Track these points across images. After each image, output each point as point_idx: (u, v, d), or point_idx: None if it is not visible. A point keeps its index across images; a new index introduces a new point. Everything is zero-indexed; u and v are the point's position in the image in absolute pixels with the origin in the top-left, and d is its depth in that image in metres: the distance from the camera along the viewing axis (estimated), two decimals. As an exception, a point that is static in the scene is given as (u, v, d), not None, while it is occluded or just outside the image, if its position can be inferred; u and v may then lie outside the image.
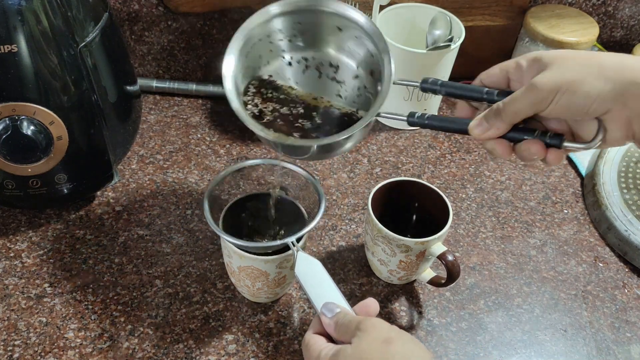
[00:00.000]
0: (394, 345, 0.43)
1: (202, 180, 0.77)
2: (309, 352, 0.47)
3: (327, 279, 0.51)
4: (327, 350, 0.46)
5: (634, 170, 0.79)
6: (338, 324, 0.47)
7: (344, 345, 0.45)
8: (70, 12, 0.58)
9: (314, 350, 0.47)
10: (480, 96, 0.51)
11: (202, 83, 0.89)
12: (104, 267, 0.66)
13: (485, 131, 0.48)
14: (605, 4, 0.94)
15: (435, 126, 0.52)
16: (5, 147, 0.59)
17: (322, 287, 0.51)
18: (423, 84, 0.54)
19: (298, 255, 0.53)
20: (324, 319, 0.48)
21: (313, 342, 0.47)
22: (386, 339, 0.44)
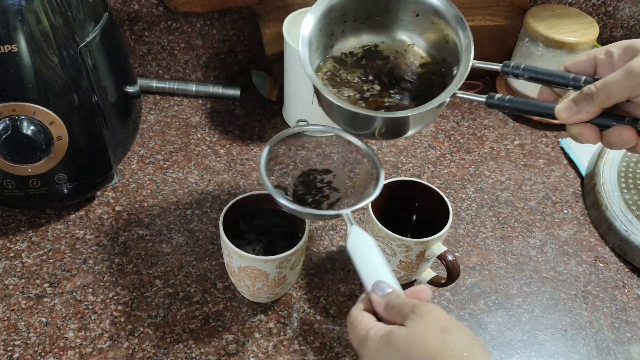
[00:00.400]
0: (451, 336, 0.41)
1: (202, 180, 0.77)
2: (356, 328, 0.45)
3: (379, 257, 0.49)
4: (376, 329, 0.44)
5: (634, 170, 0.79)
6: (389, 305, 0.45)
7: (396, 326, 0.43)
8: (70, 12, 0.58)
9: (362, 328, 0.45)
10: (567, 82, 0.50)
11: (202, 83, 0.89)
12: (104, 267, 0.66)
13: (574, 114, 0.47)
14: (605, 4, 0.94)
15: (517, 108, 0.51)
16: (5, 147, 0.59)
17: (374, 264, 0.48)
18: (504, 67, 0.53)
19: (351, 229, 0.51)
20: (375, 297, 0.46)
21: (361, 319, 0.45)
22: (444, 327, 0.41)
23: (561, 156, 0.86)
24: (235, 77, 0.93)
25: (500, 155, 0.85)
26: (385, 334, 0.43)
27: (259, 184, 0.77)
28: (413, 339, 0.41)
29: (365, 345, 0.44)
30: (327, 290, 0.67)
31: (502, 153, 0.86)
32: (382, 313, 0.45)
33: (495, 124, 0.90)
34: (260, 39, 0.88)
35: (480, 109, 0.92)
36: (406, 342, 0.41)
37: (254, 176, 0.78)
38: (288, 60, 0.80)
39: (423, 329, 0.41)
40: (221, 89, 0.88)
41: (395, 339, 0.42)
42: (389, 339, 0.42)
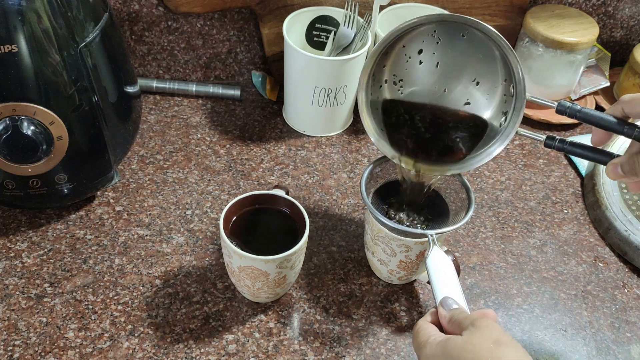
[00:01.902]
0: (503, 348, 0.44)
1: (202, 180, 0.77)
2: (419, 336, 0.49)
3: (453, 277, 0.54)
4: (436, 336, 0.48)
5: (634, 170, 0.79)
6: (453, 318, 0.49)
7: (454, 335, 0.47)
8: (70, 12, 0.58)
9: (424, 335, 0.49)
10: (620, 129, 0.52)
11: (202, 83, 0.89)
12: (104, 267, 0.66)
13: (620, 178, 0.52)
14: (605, 4, 0.94)
15: (575, 153, 0.55)
16: (5, 147, 0.59)
17: (446, 282, 0.54)
18: (560, 107, 0.54)
19: (433, 248, 0.57)
20: (441, 310, 0.51)
21: (424, 328, 0.50)
22: (497, 340, 0.44)
23: (561, 156, 0.86)
24: (235, 77, 0.93)
25: (500, 155, 0.85)
26: (442, 341, 0.47)
27: (259, 184, 0.78)
28: (467, 347, 0.45)
29: (423, 349, 0.48)
30: (327, 290, 0.67)
31: (502, 153, 0.86)
32: (446, 325, 0.50)
33: (495, 124, 0.90)
34: (260, 39, 0.88)
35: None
36: (461, 349, 0.45)
37: (254, 176, 0.78)
38: (288, 60, 0.80)
39: (478, 338, 0.45)
40: (221, 89, 0.88)
41: (450, 346, 0.46)
42: (445, 345, 0.46)
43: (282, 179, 0.78)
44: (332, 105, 0.81)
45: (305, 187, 0.78)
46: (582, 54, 0.87)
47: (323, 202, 0.76)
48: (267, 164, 0.80)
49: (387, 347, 0.62)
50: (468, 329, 0.46)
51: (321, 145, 0.84)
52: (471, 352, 0.44)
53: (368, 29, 0.79)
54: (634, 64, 0.90)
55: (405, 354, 0.62)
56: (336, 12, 0.82)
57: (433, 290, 0.53)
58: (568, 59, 0.86)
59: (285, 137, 0.84)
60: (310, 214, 0.74)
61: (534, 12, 0.88)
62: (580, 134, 0.90)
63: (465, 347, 0.45)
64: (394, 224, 0.60)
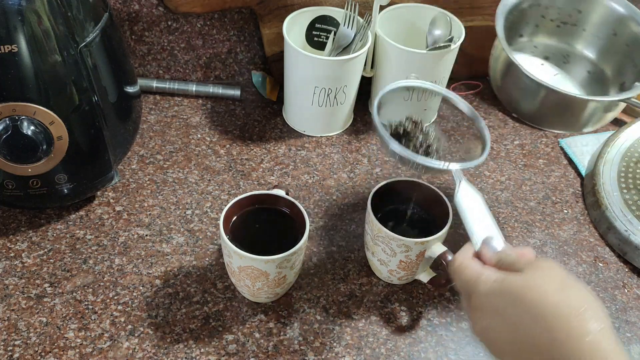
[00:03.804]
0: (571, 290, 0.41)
1: (202, 180, 0.77)
2: (465, 270, 0.47)
3: (487, 213, 0.51)
4: (489, 274, 0.45)
5: (634, 170, 0.79)
6: (502, 260, 0.46)
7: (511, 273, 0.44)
8: (70, 12, 0.58)
9: (473, 270, 0.46)
10: None
11: (202, 83, 0.89)
12: (104, 267, 0.66)
13: None
14: (605, 4, 0.94)
15: None
16: (5, 147, 0.59)
17: (482, 220, 0.51)
18: None
19: (461, 184, 0.53)
20: (486, 252, 0.48)
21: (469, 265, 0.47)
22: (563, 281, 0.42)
23: (561, 156, 0.86)
24: (235, 77, 0.93)
25: (500, 155, 0.85)
26: (499, 279, 0.43)
27: (259, 184, 0.78)
28: (530, 285, 0.41)
29: (475, 286, 0.45)
30: (327, 290, 0.67)
31: (502, 153, 0.86)
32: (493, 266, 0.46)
33: (495, 124, 0.90)
34: (260, 39, 0.88)
35: (480, 109, 0.92)
36: (522, 287, 0.42)
37: (254, 176, 0.78)
38: (288, 60, 0.80)
39: (542, 278, 0.42)
40: (221, 89, 0.88)
41: (510, 284, 0.42)
42: (502, 283, 0.43)
43: (282, 179, 0.78)
44: (332, 105, 0.81)
45: (305, 187, 0.78)
46: (582, 54, 0.87)
47: (323, 202, 0.76)
48: (267, 164, 0.80)
49: (387, 347, 0.62)
50: (528, 268, 0.43)
51: (321, 145, 0.84)
52: (536, 292, 0.41)
53: (368, 29, 0.79)
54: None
55: (405, 354, 0.62)
56: (336, 12, 0.82)
57: (469, 229, 0.50)
58: None
59: (285, 137, 0.84)
60: (310, 214, 0.74)
61: (534, 12, 0.88)
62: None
63: (529, 285, 0.42)
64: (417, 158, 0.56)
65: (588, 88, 0.55)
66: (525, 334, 0.41)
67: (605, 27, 0.65)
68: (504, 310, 0.42)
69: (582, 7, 0.63)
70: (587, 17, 0.66)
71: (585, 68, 0.68)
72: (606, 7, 0.64)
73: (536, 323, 0.40)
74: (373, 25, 0.79)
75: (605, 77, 0.67)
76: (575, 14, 0.64)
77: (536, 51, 0.70)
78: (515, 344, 0.42)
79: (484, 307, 0.44)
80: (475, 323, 0.45)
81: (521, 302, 0.41)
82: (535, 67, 0.69)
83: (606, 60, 0.67)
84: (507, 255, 0.46)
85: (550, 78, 0.59)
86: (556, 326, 0.40)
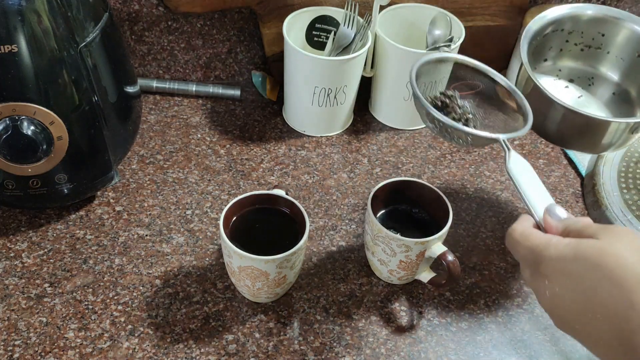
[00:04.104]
0: None
1: (202, 180, 0.77)
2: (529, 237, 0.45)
3: (538, 182, 0.50)
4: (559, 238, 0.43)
5: (634, 170, 0.79)
6: (568, 229, 0.44)
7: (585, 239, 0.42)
8: (70, 12, 0.58)
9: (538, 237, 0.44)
10: None
11: (202, 83, 0.89)
12: (104, 267, 0.66)
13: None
14: (605, 4, 0.94)
15: None
16: (5, 147, 0.59)
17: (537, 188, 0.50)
18: None
19: (511, 153, 0.53)
20: (550, 220, 0.46)
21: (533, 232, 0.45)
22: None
23: (561, 156, 0.86)
24: (235, 77, 0.93)
25: (500, 155, 0.85)
26: (572, 242, 0.42)
27: (259, 184, 0.78)
28: (608, 251, 0.40)
29: (545, 252, 0.43)
30: (327, 290, 0.67)
31: (502, 153, 0.86)
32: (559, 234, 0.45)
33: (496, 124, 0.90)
34: (260, 39, 0.88)
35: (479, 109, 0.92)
36: (600, 252, 0.40)
37: (254, 176, 0.78)
38: (288, 60, 0.80)
39: (620, 244, 0.40)
40: (221, 89, 0.88)
41: (585, 249, 0.41)
42: (577, 247, 0.41)
43: (282, 179, 0.78)
44: (332, 105, 0.81)
45: (305, 187, 0.78)
46: (582, 54, 0.87)
47: (323, 202, 0.76)
48: (267, 164, 0.80)
49: (387, 347, 0.62)
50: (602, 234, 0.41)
51: (321, 145, 0.84)
52: (613, 256, 0.39)
53: (368, 29, 0.79)
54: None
55: (405, 354, 0.62)
56: (336, 12, 0.82)
57: (525, 198, 0.49)
58: None
59: (285, 137, 0.84)
60: (310, 214, 0.74)
61: (534, 12, 0.88)
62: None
63: (606, 250, 0.40)
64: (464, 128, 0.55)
65: (613, 109, 0.55)
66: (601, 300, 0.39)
67: (629, 49, 0.66)
68: (579, 275, 0.41)
69: (606, 31, 0.64)
70: (611, 40, 0.67)
71: (610, 89, 0.70)
72: (629, 30, 0.66)
73: (615, 288, 0.39)
74: (373, 25, 0.79)
75: (631, 97, 0.68)
76: (598, 37, 0.65)
77: (561, 74, 0.71)
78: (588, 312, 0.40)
79: (555, 273, 0.42)
80: (543, 292, 0.43)
81: (599, 266, 0.40)
82: (559, 89, 0.70)
83: (631, 81, 0.68)
84: (575, 222, 0.45)
85: (574, 100, 0.59)
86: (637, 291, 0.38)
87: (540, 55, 0.68)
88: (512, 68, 0.92)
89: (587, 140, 0.61)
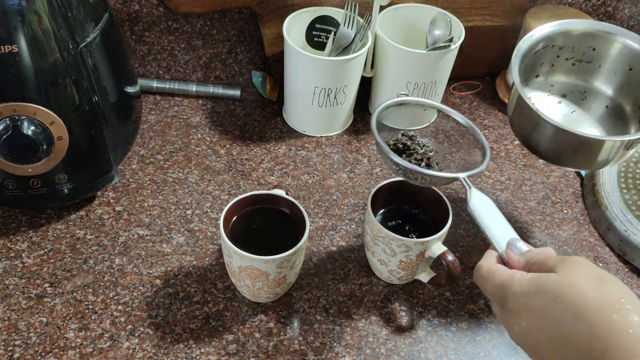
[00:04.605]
0: (608, 284, 0.41)
1: (202, 180, 0.77)
2: (495, 274, 0.46)
3: (502, 217, 0.51)
4: (521, 274, 0.44)
5: (634, 170, 0.79)
6: (532, 260, 0.46)
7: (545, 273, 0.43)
8: (70, 12, 0.58)
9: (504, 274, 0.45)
10: None
11: (202, 83, 0.89)
12: (104, 267, 0.66)
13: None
14: (605, 4, 0.94)
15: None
16: (5, 147, 0.60)
17: (499, 224, 0.51)
18: None
19: (472, 191, 0.54)
20: (512, 254, 0.48)
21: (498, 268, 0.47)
22: (600, 276, 0.42)
23: (561, 156, 0.86)
24: (235, 77, 0.93)
25: (500, 155, 0.85)
26: (534, 278, 0.43)
27: (260, 184, 0.78)
28: (566, 284, 0.41)
29: (510, 288, 0.44)
30: (327, 290, 0.67)
31: (502, 153, 0.86)
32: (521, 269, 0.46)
33: (495, 124, 0.90)
34: (260, 39, 0.88)
35: (480, 109, 0.92)
36: (560, 285, 0.41)
37: (254, 176, 0.78)
38: (288, 60, 0.80)
39: (578, 275, 0.42)
40: (221, 89, 0.88)
41: (546, 283, 0.42)
42: (538, 282, 0.43)
43: (282, 179, 0.78)
44: (332, 105, 0.81)
45: (305, 187, 0.78)
46: (582, 54, 0.87)
47: (323, 202, 0.76)
48: (267, 164, 0.80)
49: (387, 347, 0.62)
50: (561, 267, 0.43)
51: (321, 145, 0.84)
52: (572, 288, 0.41)
53: (368, 29, 0.80)
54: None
55: (405, 354, 0.62)
56: (336, 12, 0.82)
57: (488, 235, 0.50)
58: None
59: (285, 137, 0.84)
60: (310, 214, 0.74)
61: (534, 12, 0.88)
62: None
63: (565, 283, 0.41)
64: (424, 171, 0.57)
65: (607, 124, 0.55)
66: (565, 332, 0.41)
67: (620, 63, 0.67)
68: (542, 309, 0.42)
69: (597, 45, 0.65)
70: (602, 54, 0.67)
71: (604, 103, 0.70)
72: (620, 44, 0.66)
73: (577, 319, 0.40)
74: (373, 26, 0.79)
75: (624, 111, 0.69)
76: (589, 52, 0.65)
77: (553, 90, 0.71)
78: (555, 343, 0.41)
79: (520, 308, 0.44)
80: (512, 327, 0.45)
81: (560, 299, 0.41)
82: (552, 105, 0.71)
83: (624, 95, 0.69)
84: (535, 255, 0.46)
85: (567, 115, 0.59)
86: (598, 321, 0.39)
87: (532, 72, 0.69)
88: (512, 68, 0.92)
89: (582, 158, 0.61)
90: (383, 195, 0.66)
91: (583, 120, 0.69)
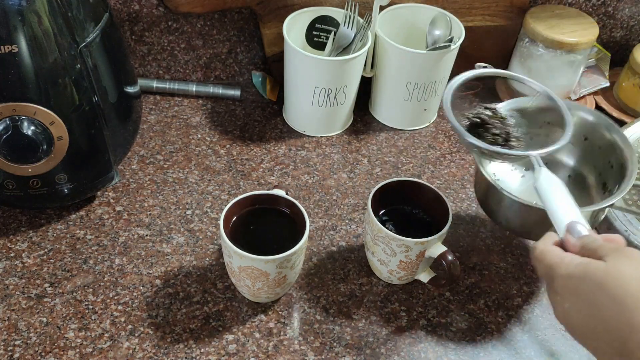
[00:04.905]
0: None
1: (202, 180, 0.77)
2: (546, 256, 0.46)
3: (569, 199, 0.51)
4: (571, 258, 0.45)
5: (634, 171, 0.79)
6: (586, 246, 0.46)
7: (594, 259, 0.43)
8: (70, 12, 0.58)
9: (555, 256, 0.46)
10: None
11: (202, 83, 0.89)
12: (104, 267, 0.66)
13: None
14: (605, 4, 0.94)
15: None
16: (5, 147, 0.60)
17: (564, 206, 0.50)
18: None
19: (541, 170, 0.53)
20: (570, 237, 0.47)
21: (551, 250, 0.47)
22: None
23: (561, 156, 0.86)
24: (235, 77, 0.93)
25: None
26: (582, 263, 0.44)
27: (259, 184, 0.78)
28: (613, 273, 0.42)
29: (557, 270, 0.45)
30: (327, 290, 0.67)
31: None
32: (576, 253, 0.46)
33: (495, 124, 0.90)
34: (260, 39, 0.88)
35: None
36: (605, 273, 0.42)
37: (254, 176, 0.78)
38: (288, 60, 0.80)
39: (626, 266, 0.42)
40: (221, 89, 0.88)
41: (593, 269, 0.43)
42: (585, 267, 0.43)
43: (282, 179, 0.78)
44: (332, 105, 0.81)
45: (305, 187, 0.78)
46: (582, 54, 0.87)
47: (323, 202, 0.76)
48: (267, 164, 0.80)
49: (387, 347, 0.62)
50: (611, 256, 0.43)
51: (321, 145, 0.84)
52: (618, 279, 0.41)
53: (368, 29, 0.80)
54: (633, 64, 0.90)
55: (405, 354, 0.62)
56: (336, 12, 0.82)
57: (552, 216, 0.49)
58: (568, 59, 0.87)
59: (285, 137, 0.84)
60: (310, 214, 0.74)
61: (534, 12, 0.89)
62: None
63: (611, 272, 0.41)
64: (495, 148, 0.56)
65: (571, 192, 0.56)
66: (603, 320, 0.41)
67: (577, 134, 0.69)
68: (584, 294, 0.43)
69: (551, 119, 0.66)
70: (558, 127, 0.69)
71: (567, 173, 0.73)
72: (576, 116, 0.68)
73: (616, 310, 0.40)
74: (373, 26, 0.79)
75: (587, 180, 0.72)
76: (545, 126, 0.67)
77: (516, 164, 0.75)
78: (593, 328, 0.42)
79: (565, 290, 0.44)
80: (556, 307, 0.46)
81: (603, 288, 0.41)
82: (516, 179, 0.73)
83: (584, 164, 0.72)
84: (592, 241, 0.46)
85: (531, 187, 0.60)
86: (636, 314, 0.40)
87: None
88: (512, 69, 0.92)
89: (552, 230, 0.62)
90: (383, 195, 0.66)
91: None
